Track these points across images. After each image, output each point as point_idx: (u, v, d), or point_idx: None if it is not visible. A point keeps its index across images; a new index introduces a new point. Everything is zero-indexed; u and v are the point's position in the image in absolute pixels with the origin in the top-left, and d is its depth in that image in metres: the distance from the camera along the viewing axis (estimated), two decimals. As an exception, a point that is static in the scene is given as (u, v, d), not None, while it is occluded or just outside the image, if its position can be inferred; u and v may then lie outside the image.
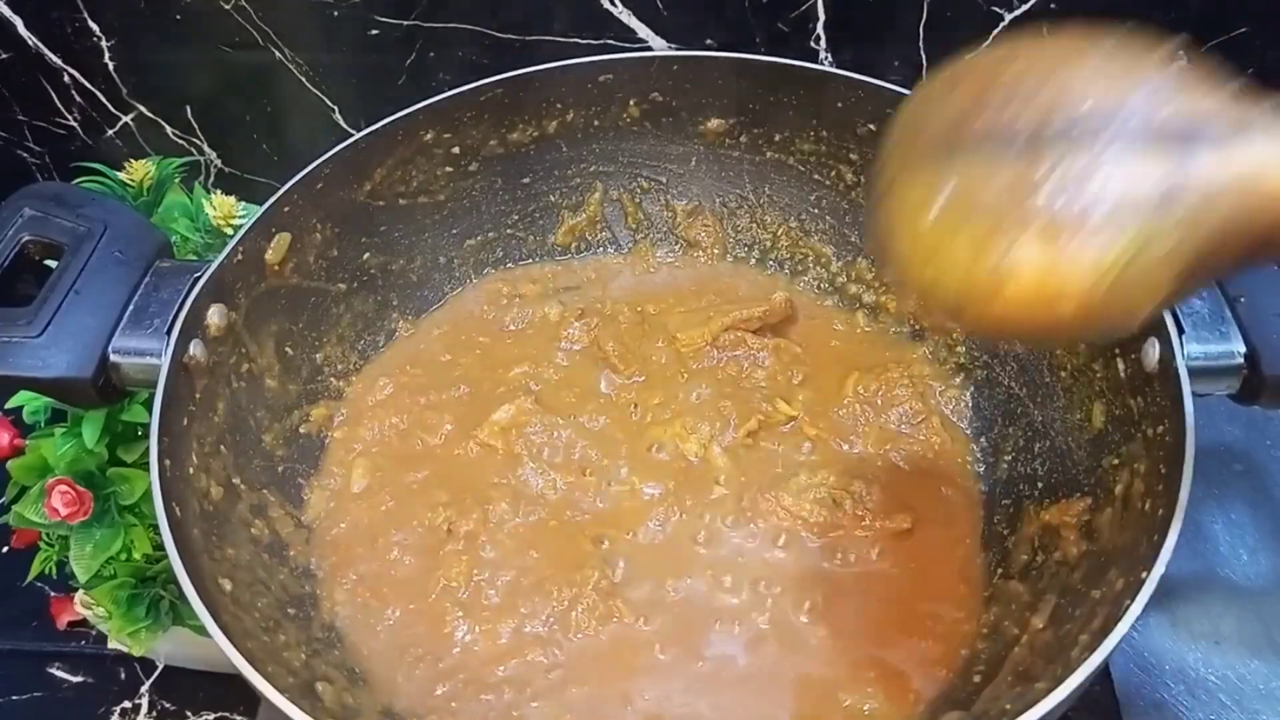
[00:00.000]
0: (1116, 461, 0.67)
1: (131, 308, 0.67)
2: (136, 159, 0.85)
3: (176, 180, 0.86)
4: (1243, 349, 0.62)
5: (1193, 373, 0.61)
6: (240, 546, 0.68)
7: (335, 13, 0.93)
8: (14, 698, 0.90)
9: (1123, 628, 0.55)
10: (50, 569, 0.82)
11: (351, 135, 0.78)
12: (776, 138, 0.86)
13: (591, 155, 0.88)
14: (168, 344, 0.65)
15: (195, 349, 0.67)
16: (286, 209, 0.74)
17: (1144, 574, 0.56)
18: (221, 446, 0.70)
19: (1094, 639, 0.57)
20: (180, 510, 0.62)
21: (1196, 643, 0.79)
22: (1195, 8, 0.89)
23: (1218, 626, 0.79)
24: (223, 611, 0.59)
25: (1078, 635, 0.60)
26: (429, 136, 0.81)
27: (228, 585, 0.63)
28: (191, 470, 0.66)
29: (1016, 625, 0.66)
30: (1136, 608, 0.55)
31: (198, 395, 0.68)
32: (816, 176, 0.87)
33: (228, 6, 0.94)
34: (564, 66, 0.82)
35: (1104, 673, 0.77)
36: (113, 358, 0.65)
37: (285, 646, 0.65)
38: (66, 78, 1.00)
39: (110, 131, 1.04)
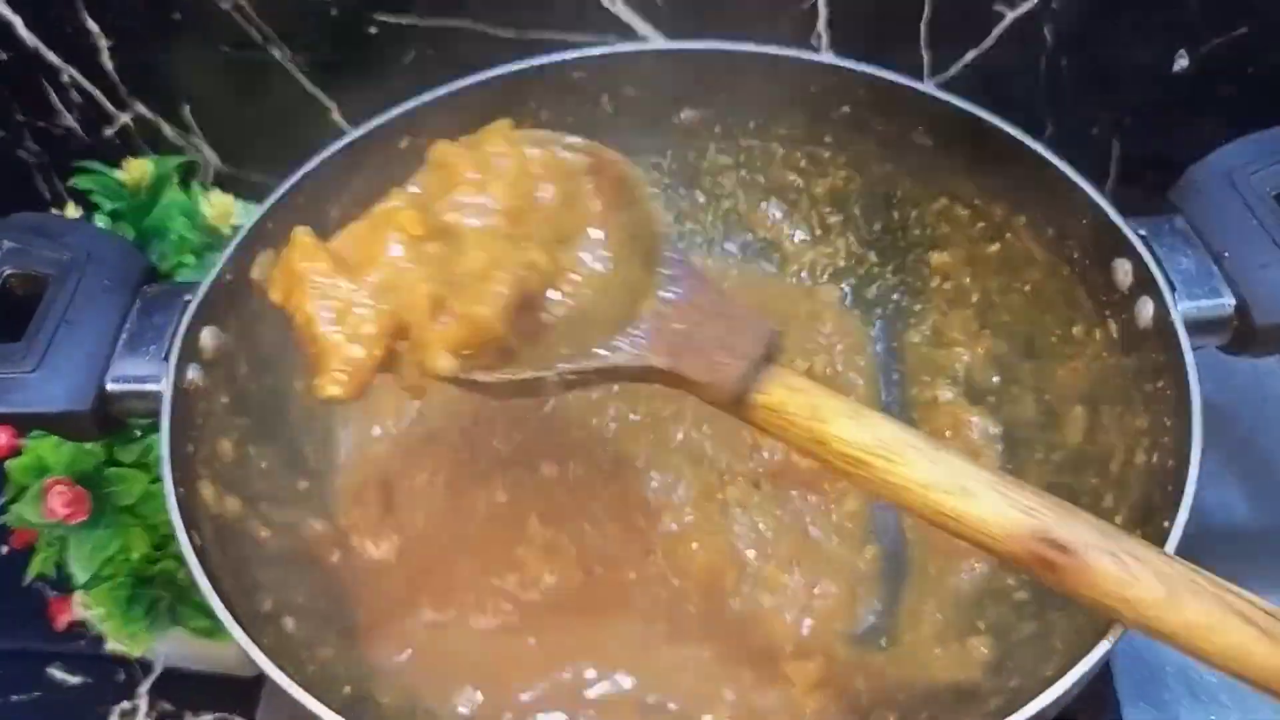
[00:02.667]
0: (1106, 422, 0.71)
1: (125, 335, 0.66)
2: (135, 158, 0.85)
3: (174, 179, 0.86)
4: (1232, 301, 0.66)
5: (1187, 326, 0.65)
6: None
7: (334, 11, 0.93)
8: (13, 698, 0.90)
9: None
10: (49, 569, 0.82)
11: (348, 134, 0.78)
12: (751, 125, 0.87)
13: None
14: (167, 369, 0.65)
15: (193, 373, 0.67)
16: (269, 225, 0.74)
17: (1166, 523, 0.58)
18: (228, 468, 0.69)
19: None
20: (200, 539, 0.62)
21: (1198, 643, 0.79)
22: (1195, 8, 0.89)
23: (1219, 626, 0.79)
24: (262, 636, 0.59)
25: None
26: (404, 144, 0.81)
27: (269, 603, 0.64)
28: (202, 496, 0.66)
29: None
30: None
31: (199, 420, 0.67)
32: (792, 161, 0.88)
33: (227, 6, 0.94)
34: (535, 65, 0.82)
35: (1105, 672, 0.77)
36: (110, 387, 0.65)
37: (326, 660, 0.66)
38: (66, 77, 1.00)
39: (109, 131, 1.03)
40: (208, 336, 0.68)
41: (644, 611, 0.72)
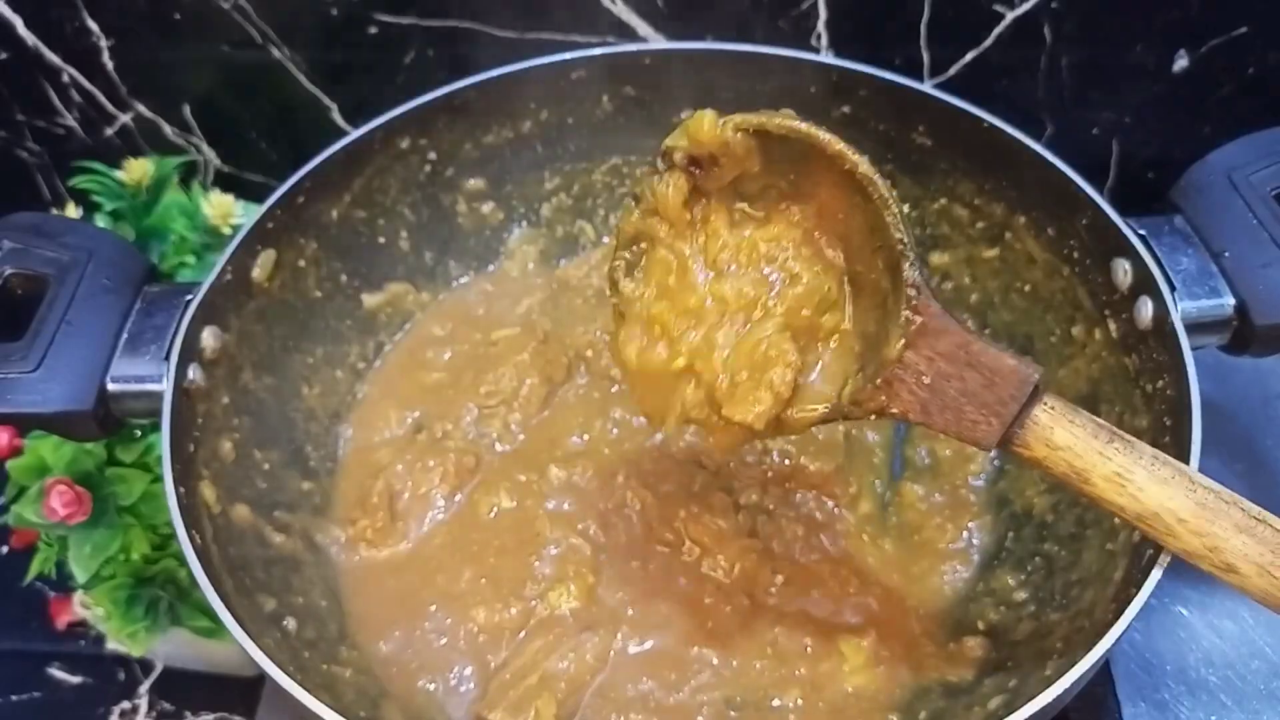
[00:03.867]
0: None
1: (126, 335, 0.66)
2: (135, 158, 0.85)
3: (175, 179, 0.86)
4: (1232, 301, 0.66)
5: (1187, 326, 0.65)
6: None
7: (334, 11, 0.93)
8: (13, 698, 0.90)
9: (1155, 575, 0.57)
10: (49, 569, 0.82)
11: (349, 134, 0.78)
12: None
13: (566, 154, 0.88)
14: (168, 369, 0.65)
15: (193, 373, 0.67)
16: (270, 225, 0.74)
17: None
18: (229, 469, 0.70)
19: (1117, 592, 0.60)
20: (201, 539, 0.62)
21: (1197, 643, 0.79)
22: (1195, 8, 0.89)
23: (1218, 627, 0.79)
24: (264, 634, 0.60)
25: (1096, 598, 0.62)
26: (405, 144, 0.81)
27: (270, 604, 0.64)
28: (203, 496, 0.66)
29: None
30: (1164, 556, 0.57)
31: (199, 420, 0.67)
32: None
33: (227, 6, 0.94)
34: (536, 66, 0.82)
35: (1104, 672, 0.77)
36: (111, 387, 0.65)
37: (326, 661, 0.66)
38: (66, 77, 1.00)
39: (109, 131, 1.03)
40: (208, 336, 0.68)
41: (671, 617, 0.71)
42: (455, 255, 0.89)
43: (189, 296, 0.68)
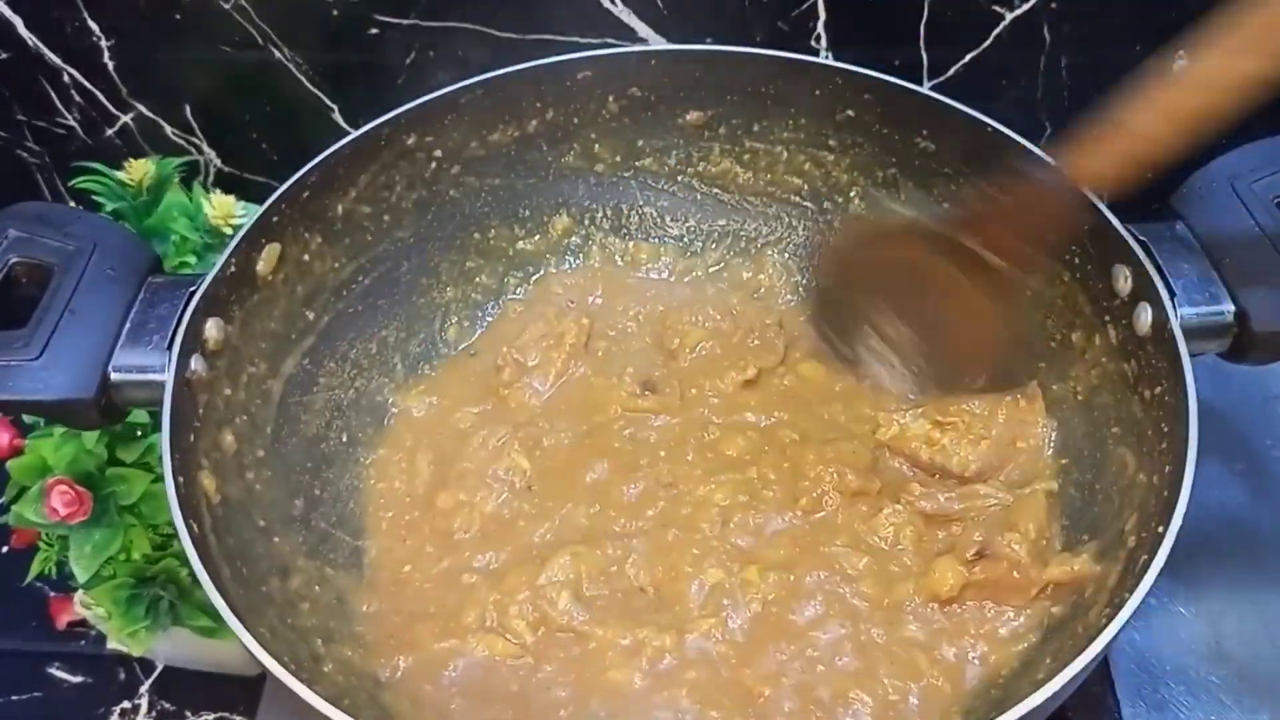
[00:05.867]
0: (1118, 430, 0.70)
1: (129, 325, 0.66)
2: (136, 159, 0.85)
3: (176, 180, 0.86)
4: (1232, 308, 0.66)
5: (1186, 333, 0.64)
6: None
7: (335, 12, 0.93)
8: (14, 698, 0.91)
9: (1149, 579, 0.56)
10: (50, 569, 0.82)
11: (350, 134, 0.78)
12: (755, 128, 0.87)
13: (572, 154, 0.88)
14: (170, 360, 0.65)
15: (195, 364, 0.67)
16: (275, 219, 0.74)
17: (1161, 528, 0.58)
18: (229, 460, 0.70)
19: (1111, 596, 0.59)
20: (199, 528, 0.62)
21: (1197, 643, 0.79)
22: (1195, 8, 0.89)
23: (1218, 626, 0.79)
24: (260, 627, 0.59)
25: (1092, 599, 0.62)
26: (411, 141, 0.81)
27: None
28: (202, 486, 0.66)
29: None
30: (1157, 562, 0.57)
31: (200, 410, 0.67)
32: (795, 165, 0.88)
33: (228, 6, 0.94)
34: (543, 65, 0.82)
35: (1103, 672, 0.77)
36: (113, 376, 0.65)
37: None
38: (66, 78, 1.00)
39: (110, 131, 1.03)
40: (211, 328, 0.68)
41: None
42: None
43: (192, 288, 0.68)
